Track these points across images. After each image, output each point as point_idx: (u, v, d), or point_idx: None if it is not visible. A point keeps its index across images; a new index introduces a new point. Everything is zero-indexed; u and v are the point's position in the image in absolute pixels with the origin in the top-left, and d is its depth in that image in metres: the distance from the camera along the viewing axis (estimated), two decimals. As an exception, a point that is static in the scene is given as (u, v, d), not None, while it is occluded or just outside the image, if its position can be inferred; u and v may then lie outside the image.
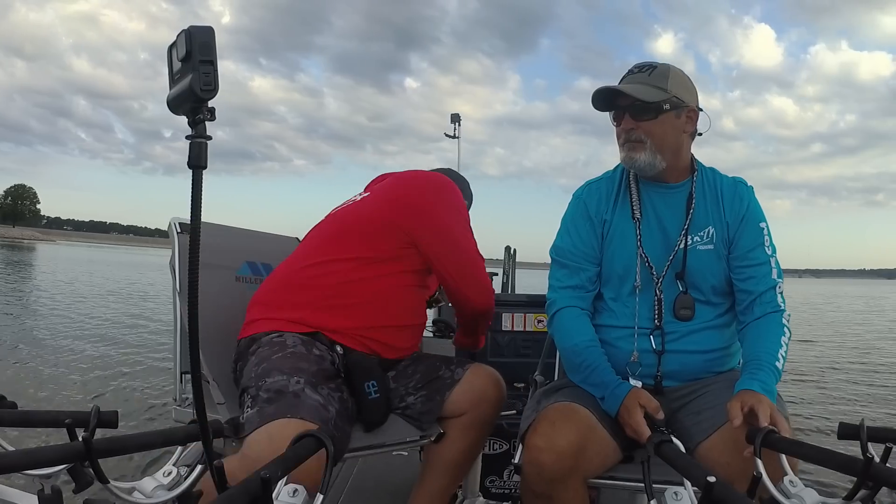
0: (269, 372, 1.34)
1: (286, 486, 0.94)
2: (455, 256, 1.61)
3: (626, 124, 1.43)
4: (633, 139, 1.43)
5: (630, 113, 1.43)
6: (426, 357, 1.69)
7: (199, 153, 0.68)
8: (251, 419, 1.26)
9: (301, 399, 1.29)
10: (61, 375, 5.43)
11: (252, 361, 1.41)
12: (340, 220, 1.69)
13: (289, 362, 1.37)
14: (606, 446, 1.33)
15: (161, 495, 0.88)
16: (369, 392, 1.46)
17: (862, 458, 0.88)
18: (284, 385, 1.31)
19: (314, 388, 1.33)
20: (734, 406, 1.16)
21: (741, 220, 1.46)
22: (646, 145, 1.42)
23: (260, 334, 1.48)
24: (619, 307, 1.50)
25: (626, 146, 1.45)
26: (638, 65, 1.46)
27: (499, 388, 1.63)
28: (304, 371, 1.36)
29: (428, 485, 1.61)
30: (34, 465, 0.80)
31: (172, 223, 1.58)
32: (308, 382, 1.33)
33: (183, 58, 0.67)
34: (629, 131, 1.43)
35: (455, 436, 1.58)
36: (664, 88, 1.40)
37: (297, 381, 1.32)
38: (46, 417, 0.97)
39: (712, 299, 1.47)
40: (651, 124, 1.42)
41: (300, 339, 1.46)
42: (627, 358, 1.45)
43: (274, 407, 1.26)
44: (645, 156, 1.42)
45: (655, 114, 1.41)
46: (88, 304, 11.63)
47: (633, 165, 1.46)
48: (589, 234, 1.53)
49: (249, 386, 1.35)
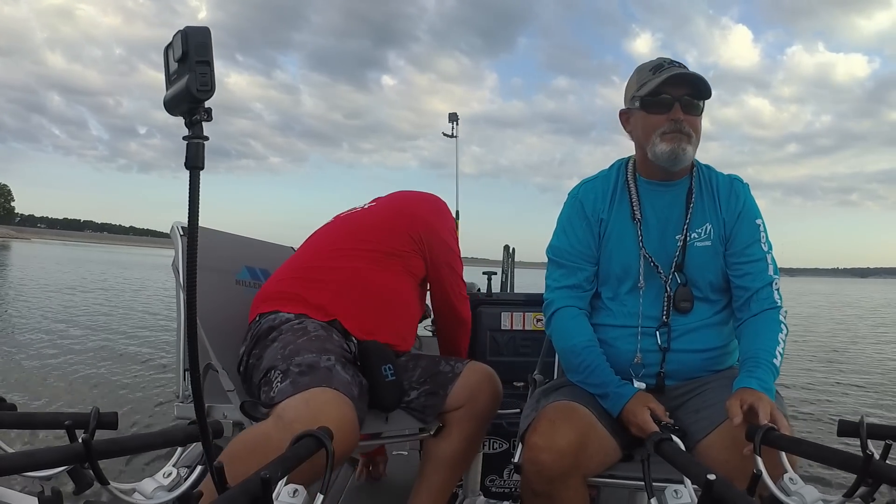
0: (298, 351, 1.38)
1: (286, 486, 0.94)
2: (452, 271, 1.78)
3: (677, 114, 1.40)
4: (683, 131, 1.40)
5: (682, 104, 1.40)
6: (424, 355, 1.74)
7: (196, 154, 0.68)
8: (284, 389, 1.28)
9: (333, 373, 1.33)
10: (62, 376, 5.43)
11: (275, 346, 1.44)
12: (353, 221, 1.79)
13: (315, 344, 1.42)
14: (606, 445, 1.33)
15: (161, 496, 0.89)
16: (386, 375, 1.50)
17: (862, 454, 0.88)
18: (316, 361, 1.35)
19: (343, 367, 1.38)
20: (733, 404, 1.16)
21: (737, 217, 1.46)
22: (692, 139, 1.41)
23: (279, 320, 1.52)
24: (616, 306, 1.49)
25: (674, 137, 1.40)
26: (668, 59, 1.45)
27: (493, 383, 1.67)
28: (332, 351, 1.41)
29: (427, 480, 1.63)
30: (34, 466, 0.80)
31: (175, 227, 1.61)
32: (338, 360, 1.38)
33: (179, 58, 0.67)
34: (679, 122, 1.40)
35: (453, 429, 1.61)
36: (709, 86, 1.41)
37: (327, 358, 1.37)
38: (46, 419, 0.98)
39: (710, 296, 1.47)
40: (697, 120, 1.42)
41: (320, 324, 1.52)
42: (627, 357, 1.45)
43: (308, 378, 1.30)
44: (691, 149, 1.41)
45: (701, 110, 1.43)
46: (112, 307, 11.63)
47: (682, 157, 1.41)
48: (585, 233, 1.52)
49: (276, 365, 1.37)
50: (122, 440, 0.89)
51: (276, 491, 0.88)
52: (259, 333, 1.52)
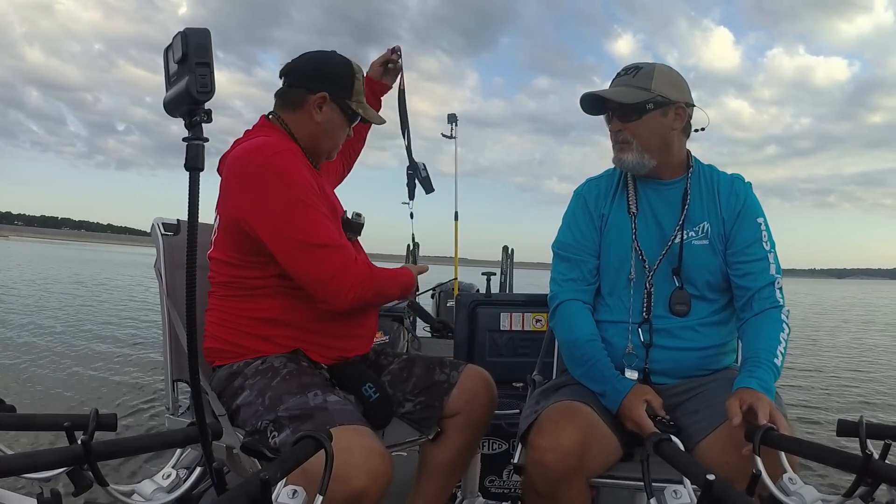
0: (280, 398, 1.27)
1: (285, 487, 0.93)
2: (290, 241, 1.33)
3: (614, 126, 1.48)
4: (620, 140, 1.48)
5: (617, 115, 1.47)
6: (419, 359, 1.65)
7: (195, 155, 0.68)
8: (286, 441, 1.20)
9: (328, 409, 1.24)
10: (60, 379, 5.42)
11: (249, 396, 1.32)
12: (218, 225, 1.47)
13: (293, 383, 1.31)
14: (608, 444, 1.34)
15: (160, 497, 0.89)
16: (369, 395, 1.44)
17: (861, 454, 0.88)
18: (304, 403, 1.25)
19: (333, 393, 1.30)
20: (733, 404, 1.16)
21: (738, 216, 1.47)
22: (632, 146, 1.46)
23: (238, 366, 1.39)
24: (614, 301, 1.52)
25: (615, 147, 1.50)
26: (625, 67, 1.50)
27: (489, 390, 1.61)
28: (314, 385, 1.31)
29: (423, 488, 1.60)
30: (33, 468, 0.80)
31: (156, 224, 1.50)
32: (324, 392, 1.29)
33: (179, 60, 0.68)
34: (617, 133, 1.48)
35: (450, 435, 1.57)
36: (647, 88, 1.43)
37: (314, 394, 1.27)
38: (45, 420, 0.97)
39: (707, 295, 1.48)
40: (636, 125, 1.45)
41: (284, 358, 1.39)
42: (620, 352, 1.47)
43: (309, 424, 1.20)
44: (632, 156, 1.46)
45: (639, 114, 1.44)
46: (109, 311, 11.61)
47: (622, 166, 1.50)
48: (589, 227, 1.56)
49: (262, 419, 1.26)
50: (121, 442, 0.89)
51: (275, 492, 0.88)
52: (218, 376, 1.40)
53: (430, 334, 4.32)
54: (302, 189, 1.35)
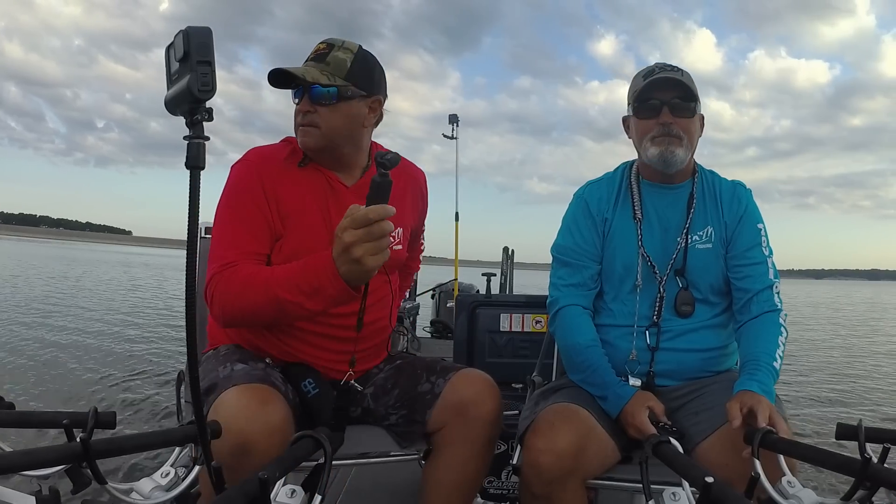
0: (205, 376, 1.27)
1: (284, 486, 0.94)
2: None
3: (666, 118, 1.42)
4: (672, 133, 1.42)
5: (670, 108, 1.42)
6: (407, 365, 1.52)
7: (196, 154, 0.68)
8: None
9: (231, 377, 1.22)
10: (62, 376, 5.42)
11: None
12: None
13: (219, 360, 1.31)
14: (606, 447, 1.33)
15: (159, 496, 0.88)
16: (308, 391, 1.34)
17: (860, 458, 0.88)
18: (215, 377, 1.25)
19: (246, 363, 1.27)
20: (733, 407, 1.17)
21: (739, 221, 1.48)
22: (682, 141, 1.43)
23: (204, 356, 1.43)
24: (618, 306, 1.51)
25: (663, 140, 1.42)
26: (661, 64, 1.47)
27: (487, 395, 1.40)
28: (235, 360, 1.29)
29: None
30: (32, 465, 0.80)
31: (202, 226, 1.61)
32: (238, 361, 1.28)
33: (181, 58, 0.67)
34: (668, 125, 1.42)
35: (443, 452, 1.40)
36: (696, 89, 1.43)
37: (223, 367, 1.26)
38: (44, 418, 0.97)
39: (710, 298, 1.48)
40: (688, 122, 1.43)
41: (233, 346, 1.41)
42: (623, 356, 1.46)
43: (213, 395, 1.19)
44: (682, 152, 1.43)
45: (692, 113, 1.43)
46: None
47: (671, 159, 1.43)
48: (590, 231, 1.54)
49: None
50: (120, 440, 0.89)
51: (273, 491, 0.88)
52: None
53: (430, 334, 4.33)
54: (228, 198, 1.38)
